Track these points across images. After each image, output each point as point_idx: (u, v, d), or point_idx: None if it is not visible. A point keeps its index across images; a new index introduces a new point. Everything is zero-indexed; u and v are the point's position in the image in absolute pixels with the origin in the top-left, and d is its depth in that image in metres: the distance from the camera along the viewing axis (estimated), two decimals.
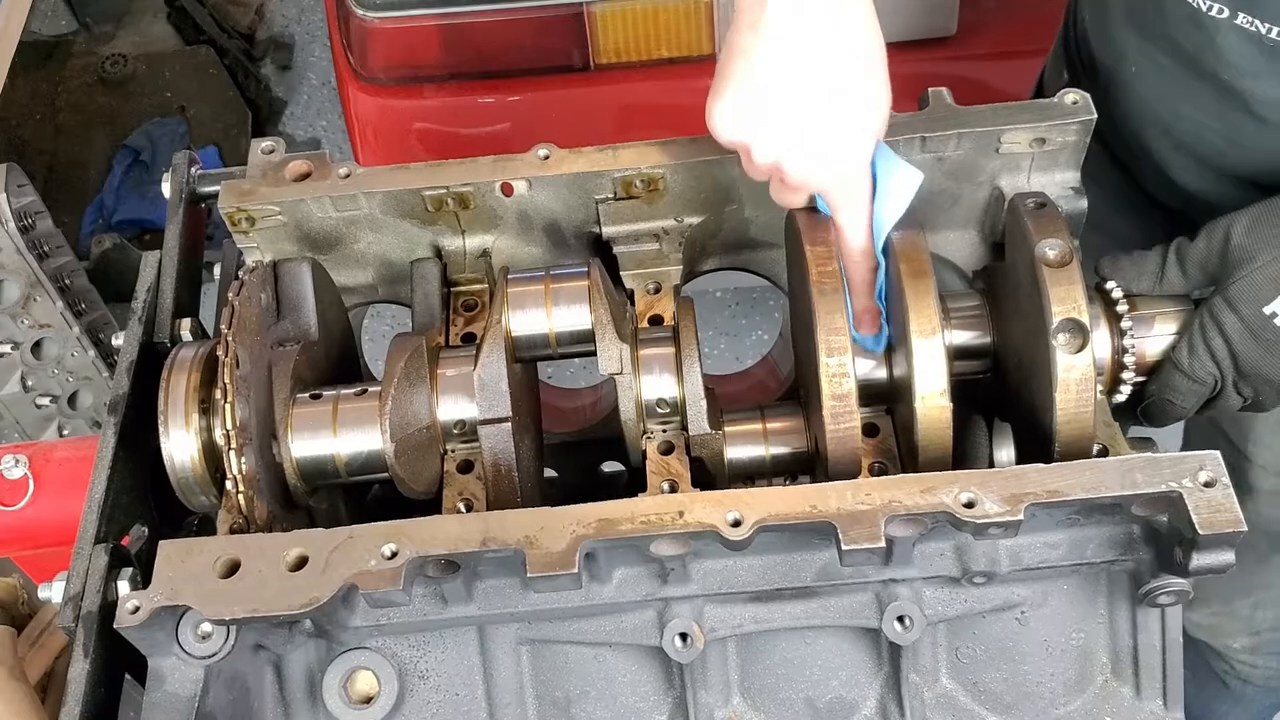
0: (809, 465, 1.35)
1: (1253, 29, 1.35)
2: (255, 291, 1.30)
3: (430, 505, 1.31)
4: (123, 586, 1.18)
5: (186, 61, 4.57)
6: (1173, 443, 1.48)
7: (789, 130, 1.17)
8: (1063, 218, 1.25)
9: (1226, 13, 1.35)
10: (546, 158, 1.41)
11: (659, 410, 1.32)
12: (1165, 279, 1.33)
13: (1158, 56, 1.48)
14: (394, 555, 1.11)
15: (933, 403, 1.21)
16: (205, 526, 1.40)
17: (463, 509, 1.29)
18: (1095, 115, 1.35)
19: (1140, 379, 1.34)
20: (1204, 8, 1.34)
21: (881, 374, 1.31)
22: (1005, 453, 1.37)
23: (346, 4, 2.74)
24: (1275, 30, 1.34)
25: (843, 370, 1.21)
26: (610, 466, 1.68)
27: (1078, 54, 1.75)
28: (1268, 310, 1.26)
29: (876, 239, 1.25)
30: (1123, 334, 1.31)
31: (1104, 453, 1.24)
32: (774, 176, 1.23)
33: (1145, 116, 1.58)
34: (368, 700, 1.22)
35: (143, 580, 1.17)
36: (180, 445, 1.27)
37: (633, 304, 1.44)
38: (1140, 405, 1.36)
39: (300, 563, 1.12)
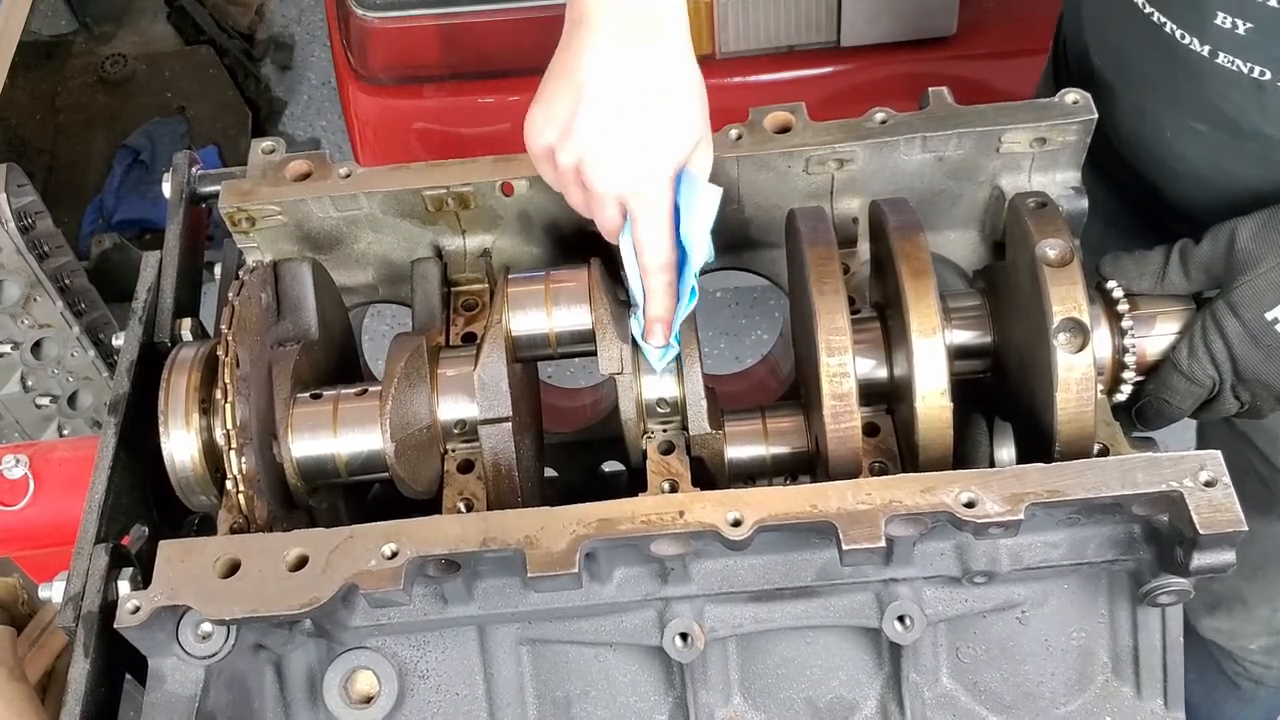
0: (809, 465, 1.35)
1: None
2: (255, 291, 1.30)
3: (430, 505, 1.31)
4: (123, 586, 1.18)
5: (186, 61, 4.56)
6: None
7: (597, 133, 1.19)
8: (1063, 217, 1.25)
9: (1269, 75, 1.34)
10: None
11: (659, 410, 1.32)
12: (1167, 279, 1.33)
13: (1194, 124, 1.46)
14: (394, 555, 1.11)
15: (933, 402, 1.21)
16: (205, 526, 1.40)
17: (463, 509, 1.29)
18: (1095, 115, 1.35)
19: (1140, 378, 1.33)
20: (1245, 71, 1.34)
21: (882, 374, 1.31)
22: (1006, 452, 1.37)
23: (346, 4, 2.73)
24: None
25: (843, 370, 1.21)
26: (610, 466, 1.68)
27: (1068, 81, 1.73)
28: (1269, 316, 1.26)
29: (689, 254, 1.25)
30: (1123, 333, 1.31)
31: (1104, 452, 1.24)
32: (574, 183, 1.24)
33: (1180, 173, 1.55)
34: (368, 700, 1.22)
35: (143, 580, 1.17)
36: (180, 445, 1.27)
37: None
38: (1135, 406, 1.36)
39: (300, 563, 1.12)
